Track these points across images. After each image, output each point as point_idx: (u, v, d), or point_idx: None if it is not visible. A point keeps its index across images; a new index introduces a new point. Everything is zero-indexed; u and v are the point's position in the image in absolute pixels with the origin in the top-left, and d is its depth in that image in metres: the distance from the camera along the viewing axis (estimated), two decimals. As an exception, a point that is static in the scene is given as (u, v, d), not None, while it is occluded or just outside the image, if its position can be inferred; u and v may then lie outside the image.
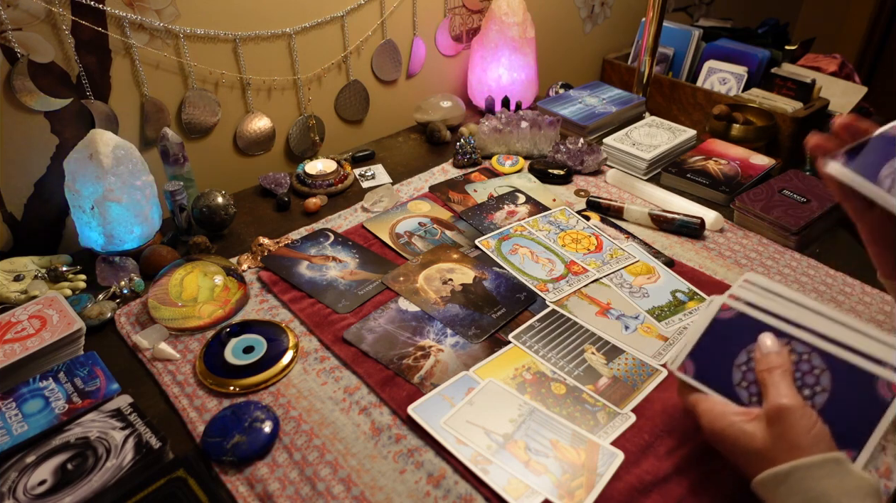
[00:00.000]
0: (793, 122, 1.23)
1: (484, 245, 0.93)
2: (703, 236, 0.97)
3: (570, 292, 0.84)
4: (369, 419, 0.67)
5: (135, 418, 0.64)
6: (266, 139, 1.16)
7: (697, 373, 0.58)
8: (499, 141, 1.19)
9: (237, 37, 1.04)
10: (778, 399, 0.51)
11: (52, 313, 0.75)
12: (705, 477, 0.60)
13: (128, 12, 0.91)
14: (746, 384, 0.56)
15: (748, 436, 0.52)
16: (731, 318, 0.59)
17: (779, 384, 0.52)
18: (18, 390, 0.67)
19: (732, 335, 0.58)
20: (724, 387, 0.57)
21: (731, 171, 1.09)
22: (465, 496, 0.59)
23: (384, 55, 1.25)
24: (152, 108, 1.00)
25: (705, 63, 1.43)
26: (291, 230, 0.99)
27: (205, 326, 0.79)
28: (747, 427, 0.52)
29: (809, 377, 0.54)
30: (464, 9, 1.35)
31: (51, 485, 0.57)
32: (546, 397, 0.69)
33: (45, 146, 0.92)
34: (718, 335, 0.59)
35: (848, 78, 1.56)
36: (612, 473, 0.60)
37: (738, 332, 0.58)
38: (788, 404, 0.51)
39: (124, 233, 0.88)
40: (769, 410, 0.51)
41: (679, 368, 0.59)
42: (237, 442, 0.63)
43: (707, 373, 0.58)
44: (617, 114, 1.29)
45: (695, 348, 0.59)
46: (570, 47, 1.62)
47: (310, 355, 0.76)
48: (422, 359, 0.74)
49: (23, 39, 0.85)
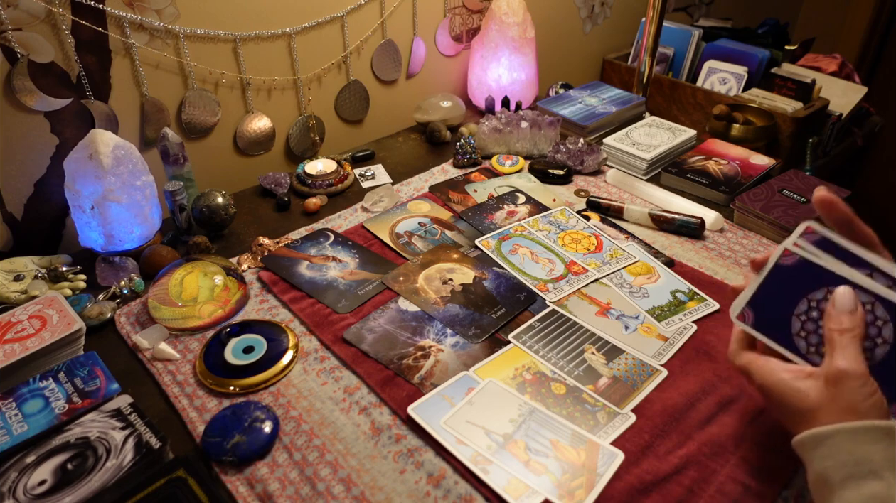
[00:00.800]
0: (793, 122, 1.23)
1: (484, 245, 0.93)
2: (703, 236, 0.97)
3: (570, 292, 0.84)
4: (369, 419, 0.67)
5: (135, 418, 0.64)
6: (266, 139, 1.16)
7: (756, 322, 0.56)
8: (499, 141, 1.19)
9: (237, 37, 1.04)
10: (844, 363, 0.49)
11: (52, 313, 0.75)
12: (705, 477, 0.60)
13: (128, 12, 0.91)
14: (805, 334, 0.54)
15: (800, 393, 0.51)
16: (793, 265, 0.55)
17: (847, 347, 0.50)
18: (18, 390, 0.67)
19: (793, 283, 0.55)
20: (782, 337, 0.55)
21: (731, 171, 1.09)
22: (465, 496, 0.59)
23: (384, 55, 1.25)
24: (152, 108, 1.00)
25: (705, 63, 1.43)
26: (291, 230, 0.99)
27: (205, 326, 0.79)
28: (799, 384, 0.51)
29: (872, 328, 0.51)
30: (464, 9, 1.35)
31: (51, 485, 0.57)
32: (546, 397, 0.69)
33: (45, 146, 0.92)
34: (779, 282, 0.56)
35: (848, 78, 1.57)
36: (612, 473, 0.60)
37: (799, 280, 0.55)
38: (854, 370, 0.49)
39: (124, 233, 0.88)
40: (831, 372, 0.49)
41: (738, 317, 0.57)
42: (237, 442, 0.63)
43: (766, 322, 0.56)
44: (617, 114, 1.29)
45: (754, 296, 0.57)
46: (570, 47, 1.62)
47: (310, 355, 0.76)
48: (422, 359, 0.74)
49: (23, 39, 0.85)
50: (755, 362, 0.56)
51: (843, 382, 0.49)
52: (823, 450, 0.48)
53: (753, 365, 0.56)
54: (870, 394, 0.48)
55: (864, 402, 0.48)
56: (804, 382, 0.51)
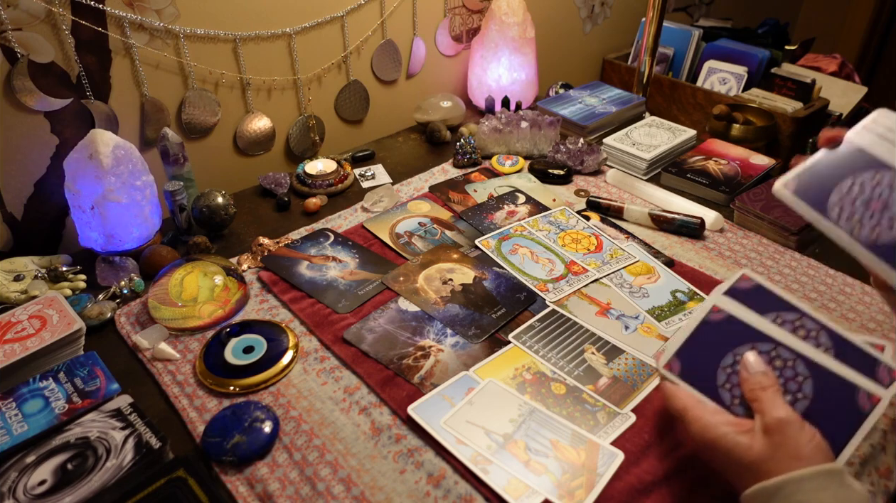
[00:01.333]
0: (793, 122, 1.23)
1: (484, 245, 0.93)
2: (703, 236, 0.97)
3: (570, 292, 0.84)
4: (369, 419, 0.67)
5: (135, 418, 0.64)
6: (266, 139, 1.16)
7: (683, 371, 0.58)
8: (499, 141, 1.19)
9: (237, 37, 1.04)
10: (778, 412, 0.51)
11: (52, 313, 0.75)
12: (705, 477, 0.60)
13: (128, 12, 0.91)
14: (730, 386, 0.56)
15: (742, 447, 0.51)
16: (721, 321, 0.59)
17: (774, 399, 0.52)
18: (18, 390, 0.67)
19: (721, 337, 0.58)
20: (707, 388, 0.56)
21: (731, 171, 1.09)
22: (465, 496, 0.59)
23: (384, 55, 1.25)
24: (152, 108, 1.00)
25: (705, 63, 1.43)
26: (291, 230, 0.99)
27: (205, 326, 0.79)
28: (742, 439, 0.51)
29: (792, 384, 0.54)
30: (464, 9, 1.35)
31: (51, 485, 0.57)
32: (546, 397, 0.69)
33: (45, 146, 0.92)
34: (707, 336, 0.59)
35: (848, 78, 1.56)
36: (612, 473, 0.60)
37: (726, 335, 0.58)
38: (791, 417, 0.50)
39: (124, 233, 0.88)
40: (770, 422, 0.50)
41: (665, 366, 0.59)
42: (237, 442, 0.63)
43: (692, 373, 0.58)
44: (617, 114, 1.29)
45: (682, 347, 0.59)
46: (570, 47, 1.62)
47: (310, 355, 0.76)
48: (422, 359, 0.74)
49: (23, 39, 0.85)
50: (692, 411, 0.55)
51: (784, 430, 0.50)
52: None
53: (690, 413, 0.55)
54: (811, 437, 0.50)
55: (807, 446, 0.49)
56: (746, 436, 0.51)
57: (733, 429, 0.52)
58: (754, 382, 0.54)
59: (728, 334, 0.58)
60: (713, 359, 0.57)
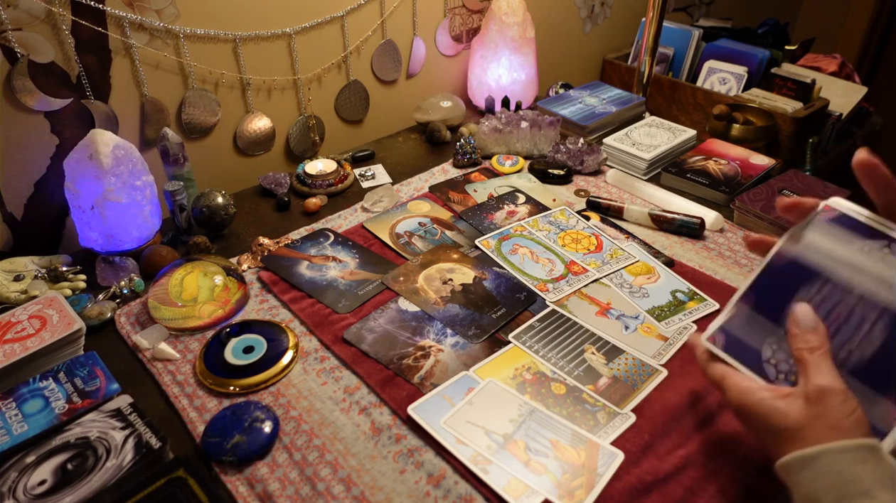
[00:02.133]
0: (793, 122, 1.23)
1: (484, 245, 0.93)
2: (703, 236, 0.97)
3: (570, 292, 0.84)
4: (369, 419, 0.67)
5: (135, 418, 0.64)
6: (266, 139, 1.16)
7: (727, 345, 0.56)
8: (499, 141, 1.19)
9: (237, 37, 1.04)
10: (824, 380, 0.48)
11: (52, 313, 0.75)
12: (705, 477, 0.60)
13: (128, 12, 0.91)
14: (776, 362, 0.54)
15: (780, 413, 0.49)
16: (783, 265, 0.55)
17: (820, 364, 0.49)
18: (18, 390, 0.67)
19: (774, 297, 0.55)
20: (752, 362, 0.54)
21: (731, 171, 1.09)
22: (465, 496, 0.59)
23: (384, 55, 1.25)
24: (152, 108, 1.00)
25: (705, 63, 1.43)
26: (291, 230, 0.99)
27: (205, 326, 0.79)
28: (779, 404, 0.50)
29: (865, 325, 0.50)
30: (464, 9, 1.35)
31: (51, 485, 0.57)
32: (546, 397, 0.69)
33: (45, 146, 0.92)
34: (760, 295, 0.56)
35: (848, 78, 1.57)
36: (612, 473, 0.60)
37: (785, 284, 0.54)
38: (833, 385, 0.48)
39: (124, 233, 0.88)
40: (812, 390, 0.49)
41: (709, 338, 0.57)
42: (237, 442, 0.63)
43: (736, 347, 0.56)
44: (617, 114, 1.29)
45: (726, 321, 0.57)
46: (570, 47, 1.62)
47: (310, 355, 0.76)
48: (422, 359, 0.74)
49: (23, 39, 0.85)
50: (730, 378, 0.54)
51: (825, 400, 0.48)
52: (811, 473, 0.46)
53: (728, 380, 0.54)
54: (852, 410, 0.48)
55: (847, 419, 0.47)
56: (784, 401, 0.50)
57: (771, 394, 0.51)
58: (803, 341, 0.51)
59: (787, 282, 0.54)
60: (759, 332, 0.55)
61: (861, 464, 0.45)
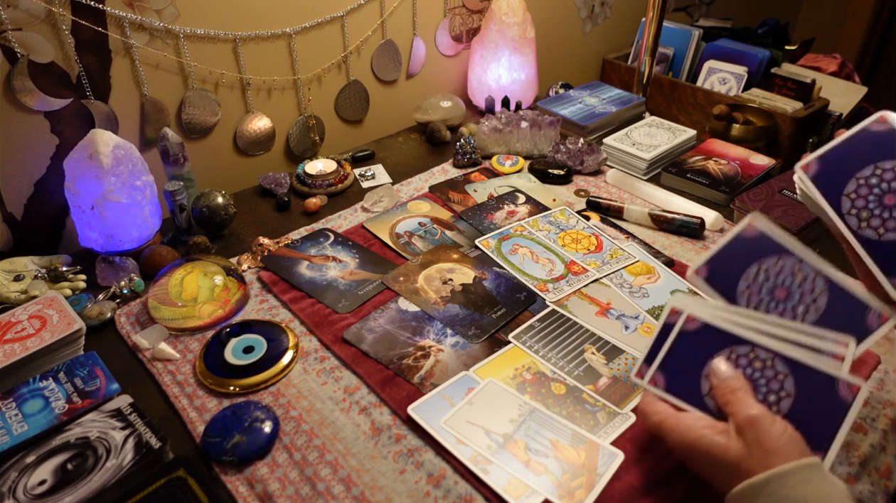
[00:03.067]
0: (793, 122, 1.23)
1: (484, 245, 0.93)
2: (704, 236, 0.97)
3: (570, 292, 0.84)
4: (369, 419, 0.67)
5: (135, 418, 0.64)
6: (266, 139, 1.16)
7: (668, 385, 0.58)
8: (499, 141, 1.19)
9: (237, 37, 1.04)
10: (747, 410, 0.51)
11: (52, 313, 0.75)
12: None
13: (128, 12, 0.91)
14: None
15: (720, 447, 0.51)
16: (697, 330, 0.58)
17: (744, 399, 0.53)
18: (18, 390, 0.67)
19: (699, 346, 0.58)
20: (693, 398, 0.56)
21: (731, 171, 1.09)
22: (465, 496, 0.59)
23: (384, 55, 1.25)
24: (152, 108, 1.00)
25: (705, 63, 1.43)
26: (291, 230, 0.99)
27: (205, 326, 0.79)
28: (719, 439, 0.52)
29: (774, 383, 0.54)
30: (464, 9, 1.35)
31: (51, 485, 0.57)
32: (546, 397, 0.69)
33: (45, 146, 0.92)
34: (685, 347, 0.58)
35: (848, 78, 1.57)
36: (612, 473, 0.60)
37: (704, 343, 0.58)
38: (757, 413, 0.51)
39: (124, 233, 0.88)
40: (740, 421, 0.51)
41: (649, 382, 0.59)
42: (237, 442, 0.63)
43: (676, 385, 0.58)
44: (617, 114, 1.29)
45: (663, 360, 0.59)
46: (570, 47, 1.62)
47: (310, 355, 0.76)
48: (422, 359, 0.74)
49: (23, 39, 0.85)
50: (667, 422, 0.55)
51: (756, 425, 0.50)
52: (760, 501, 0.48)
53: (666, 424, 0.55)
54: (782, 430, 0.50)
55: (780, 439, 0.50)
56: (723, 436, 0.52)
57: (710, 430, 0.53)
58: (725, 387, 0.54)
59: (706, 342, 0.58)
60: (695, 368, 0.57)
61: (806, 486, 0.47)
